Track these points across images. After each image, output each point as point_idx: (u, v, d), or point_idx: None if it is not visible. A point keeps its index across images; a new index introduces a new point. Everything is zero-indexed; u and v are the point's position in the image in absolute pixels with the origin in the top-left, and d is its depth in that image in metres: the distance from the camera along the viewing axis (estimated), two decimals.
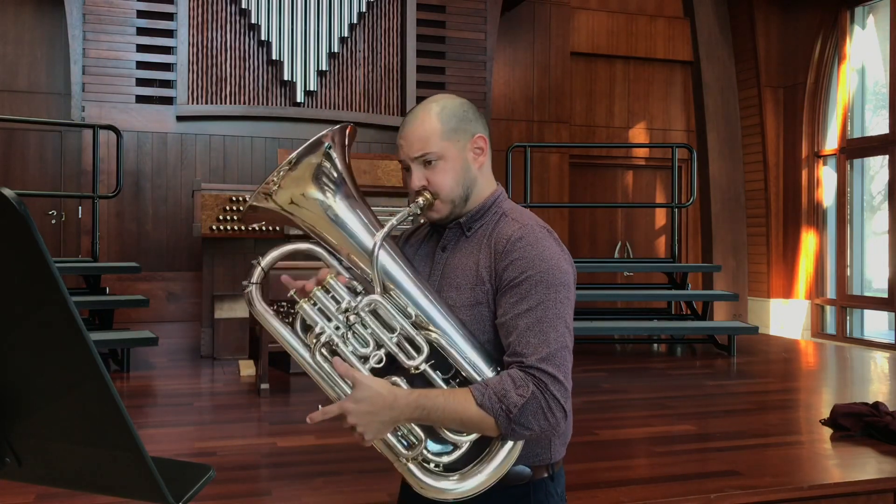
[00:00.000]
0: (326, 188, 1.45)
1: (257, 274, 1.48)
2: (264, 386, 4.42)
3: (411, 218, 1.47)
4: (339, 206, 1.46)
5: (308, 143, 1.43)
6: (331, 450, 3.31)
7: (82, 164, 6.63)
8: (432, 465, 1.41)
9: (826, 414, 3.73)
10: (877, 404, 3.59)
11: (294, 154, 1.42)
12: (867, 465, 3.13)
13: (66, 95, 6.96)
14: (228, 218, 5.56)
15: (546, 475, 1.50)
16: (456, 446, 1.41)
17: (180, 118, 6.76)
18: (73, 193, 6.83)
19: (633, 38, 9.21)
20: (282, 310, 5.27)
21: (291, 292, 1.46)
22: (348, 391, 1.38)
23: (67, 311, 0.79)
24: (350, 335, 1.41)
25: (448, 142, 1.48)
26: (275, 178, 1.42)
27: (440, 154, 1.47)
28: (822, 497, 2.81)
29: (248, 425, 3.88)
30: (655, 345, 6.66)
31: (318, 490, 2.81)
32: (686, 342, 6.54)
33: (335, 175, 1.46)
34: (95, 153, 5.71)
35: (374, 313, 1.42)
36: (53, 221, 7.09)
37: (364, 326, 1.41)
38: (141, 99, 6.72)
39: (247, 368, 5.08)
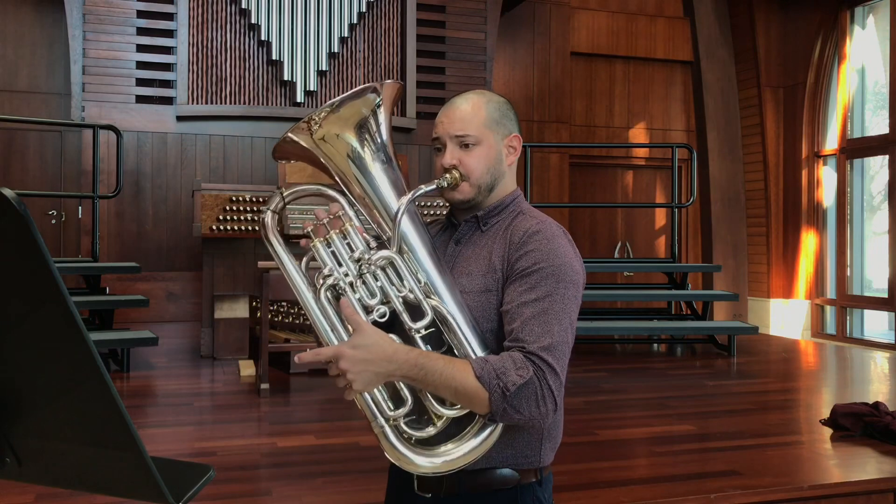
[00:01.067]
0: (364, 139, 1.46)
1: (276, 202, 1.48)
2: (264, 386, 4.42)
3: (438, 189, 1.48)
4: (372, 161, 1.47)
5: (356, 89, 1.45)
6: (331, 450, 3.32)
7: (82, 164, 6.63)
8: (407, 436, 1.40)
9: (826, 414, 3.73)
10: (877, 404, 3.60)
11: (338, 98, 1.43)
12: (867, 465, 3.14)
13: (66, 95, 6.95)
14: (228, 218, 5.56)
15: (534, 480, 1.48)
16: (433, 422, 1.40)
17: (180, 118, 6.76)
18: (73, 193, 6.83)
19: (633, 38, 9.21)
20: (282, 310, 5.27)
21: (307, 229, 1.45)
22: (345, 338, 1.36)
23: (67, 311, 0.79)
24: (359, 283, 1.40)
25: (489, 130, 1.51)
26: (316, 118, 1.43)
27: (479, 139, 1.50)
28: (822, 497, 2.81)
29: (248, 425, 3.88)
30: (655, 345, 6.66)
31: (318, 490, 2.81)
32: (686, 342, 6.54)
33: (376, 130, 1.47)
34: (95, 153, 5.71)
35: (385, 270, 1.42)
36: (53, 221, 7.09)
37: (374, 279, 1.41)
38: (141, 99, 6.72)
39: (247, 368, 5.08)
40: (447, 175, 1.49)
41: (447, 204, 1.58)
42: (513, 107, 1.58)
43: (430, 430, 1.40)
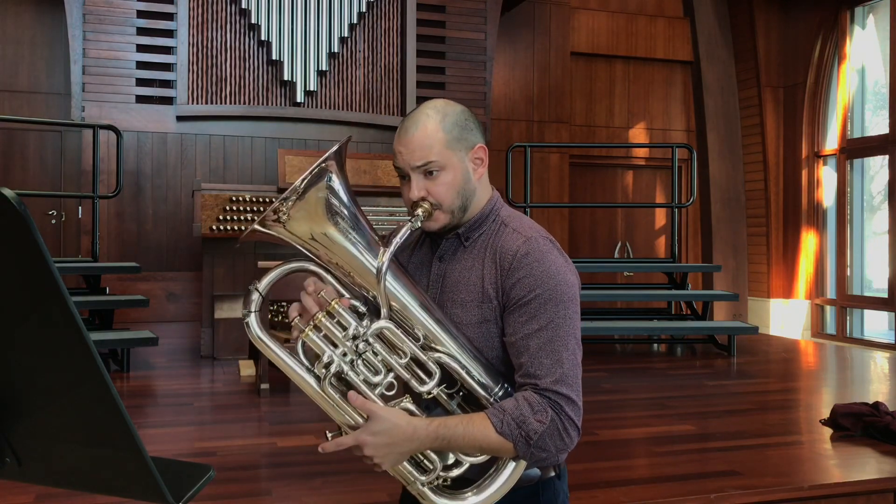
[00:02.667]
0: (333, 218, 1.40)
1: (255, 301, 1.40)
2: (264, 386, 4.42)
3: (412, 232, 1.42)
4: (344, 233, 1.40)
5: (309, 174, 1.37)
6: None
7: (82, 164, 6.63)
8: (441, 482, 1.41)
9: (826, 414, 3.73)
10: (877, 404, 3.59)
11: (295, 185, 1.36)
12: (867, 465, 3.14)
13: (66, 95, 6.96)
14: (228, 218, 5.56)
15: (553, 474, 1.51)
16: (460, 462, 1.41)
17: (180, 118, 6.76)
18: (73, 193, 6.83)
19: (633, 38, 9.21)
20: (282, 310, 5.28)
21: (293, 319, 1.40)
22: (360, 420, 1.35)
23: (67, 311, 0.79)
24: (360, 363, 1.37)
25: (451, 151, 1.43)
26: (283, 209, 1.37)
27: (443, 164, 1.43)
28: (822, 497, 2.81)
29: (248, 425, 3.88)
30: (655, 345, 6.66)
31: (318, 490, 2.81)
32: (686, 342, 6.54)
33: (339, 204, 1.41)
34: (95, 153, 5.71)
35: (383, 338, 1.39)
36: (53, 221, 7.09)
37: (374, 353, 1.38)
38: (141, 99, 6.72)
39: (247, 368, 5.08)
40: (418, 211, 1.43)
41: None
42: (472, 114, 1.49)
43: (459, 471, 1.41)
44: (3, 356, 0.88)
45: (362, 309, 1.41)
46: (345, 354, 1.37)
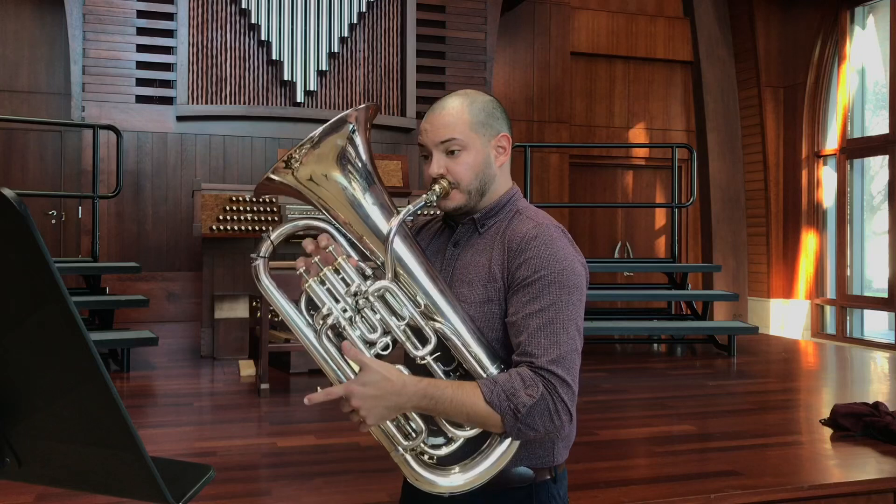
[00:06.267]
0: (347, 169, 1.42)
1: (265, 247, 1.44)
2: (264, 386, 4.42)
3: (427, 205, 1.44)
4: (357, 189, 1.43)
5: (331, 121, 1.40)
6: (331, 450, 3.31)
7: (82, 164, 6.63)
8: (426, 458, 1.40)
9: (826, 414, 3.73)
10: (877, 404, 3.60)
11: (317, 132, 1.39)
12: (867, 465, 3.14)
13: (66, 95, 6.96)
14: (228, 218, 5.56)
15: (548, 477, 1.49)
16: (452, 440, 1.39)
17: (180, 118, 6.76)
18: (73, 193, 6.83)
19: (633, 38, 9.21)
20: None
21: (300, 270, 1.42)
22: (352, 375, 1.36)
23: (67, 311, 0.79)
24: (358, 319, 1.39)
25: (474, 133, 1.47)
26: (296, 155, 1.39)
27: (464, 144, 1.46)
28: (822, 497, 2.81)
29: (248, 425, 3.88)
30: (655, 345, 6.66)
31: (318, 490, 2.81)
32: (686, 342, 6.54)
33: (356, 157, 1.43)
34: (95, 153, 5.71)
35: (384, 299, 1.40)
36: (53, 221, 7.09)
37: (373, 311, 1.39)
38: (141, 99, 6.72)
39: (247, 368, 5.08)
40: (435, 187, 1.46)
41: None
42: (500, 105, 1.53)
43: (448, 449, 1.39)
44: (3, 356, 0.88)
45: (369, 272, 1.42)
46: (345, 310, 1.38)
